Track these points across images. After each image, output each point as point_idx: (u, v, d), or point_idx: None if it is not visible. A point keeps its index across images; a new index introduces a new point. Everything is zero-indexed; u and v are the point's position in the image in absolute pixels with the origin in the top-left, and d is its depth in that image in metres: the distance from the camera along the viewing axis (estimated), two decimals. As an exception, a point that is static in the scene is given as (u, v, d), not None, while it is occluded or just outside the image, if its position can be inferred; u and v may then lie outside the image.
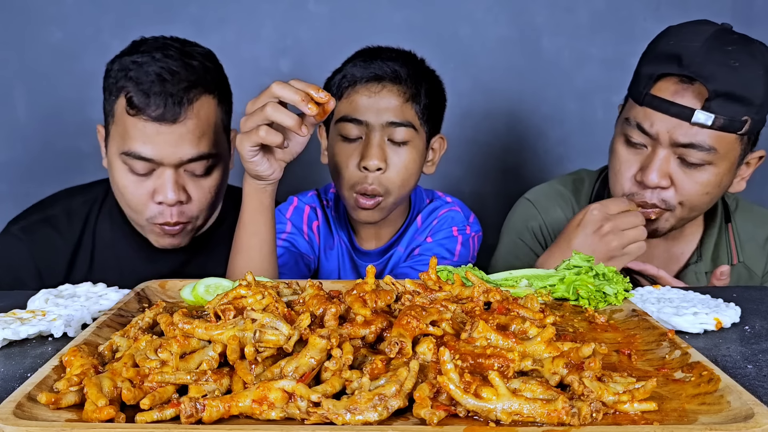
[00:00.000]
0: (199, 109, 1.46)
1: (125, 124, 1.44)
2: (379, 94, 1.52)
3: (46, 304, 1.08)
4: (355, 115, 1.52)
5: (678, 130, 1.39)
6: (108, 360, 0.83)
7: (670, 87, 1.40)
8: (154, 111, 1.41)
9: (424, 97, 1.56)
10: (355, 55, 1.62)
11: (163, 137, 1.42)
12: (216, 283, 1.12)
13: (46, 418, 0.69)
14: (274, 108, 1.17)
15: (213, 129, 1.50)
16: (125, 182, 1.48)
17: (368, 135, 1.52)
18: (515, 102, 2.36)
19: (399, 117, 1.51)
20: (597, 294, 1.09)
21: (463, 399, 0.69)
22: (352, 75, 1.54)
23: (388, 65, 1.53)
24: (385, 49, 1.62)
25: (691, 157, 1.41)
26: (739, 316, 1.09)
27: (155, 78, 1.42)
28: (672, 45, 1.42)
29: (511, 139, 2.40)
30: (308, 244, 1.65)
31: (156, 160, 1.44)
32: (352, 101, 1.53)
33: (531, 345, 0.80)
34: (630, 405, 0.72)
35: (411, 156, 1.54)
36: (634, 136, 1.45)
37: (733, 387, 0.74)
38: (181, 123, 1.43)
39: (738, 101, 1.36)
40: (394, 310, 0.93)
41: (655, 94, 1.42)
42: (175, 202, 1.47)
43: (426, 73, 1.61)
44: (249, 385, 0.74)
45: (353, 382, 0.73)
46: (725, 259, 1.61)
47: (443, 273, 1.14)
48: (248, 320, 0.79)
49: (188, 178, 1.49)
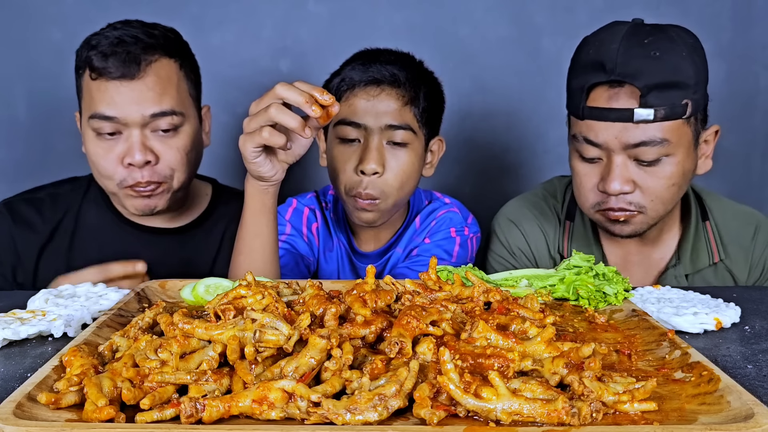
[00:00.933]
0: (158, 69, 1.50)
1: (90, 91, 1.49)
2: (377, 97, 1.51)
3: (46, 304, 1.08)
4: (354, 118, 1.52)
5: (625, 134, 1.39)
6: (108, 360, 0.83)
7: (603, 94, 1.41)
8: (113, 70, 1.46)
9: (423, 100, 1.56)
10: (354, 57, 1.62)
11: (125, 96, 1.46)
12: (216, 283, 1.12)
13: (46, 418, 0.69)
14: (278, 109, 1.17)
15: (175, 89, 1.53)
16: (95, 149, 1.51)
17: (366, 138, 1.52)
18: (515, 102, 2.36)
19: (397, 120, 1.51)
20: (597, 294, 1.09)
21: (463, 399, 0.69)
22: (351, 78, 1.54)
23: (386, 68, 1.53)
24: (383, 52, 1.61)
25: (647, 155, 1.40)
26: (739, 316, 1.09)
27: (114, 40, 1.49)
28: (592, 54, 1.43)
29: (510, 139, 2.40)
30: (308, 246, 1.66)
31: (120, 119, 1.47)
32: (350, 104, 1.53)
33: (531, 345, 0.80)
34: (630, 405, 0.72)
35: (409, 159, 1.54)
36: (585, 151, 1.46)
37: (733, 387, 0.74)
38: (141, 80, 1.47)
39: (672, 87, 1.37)
40: (394, 310, 0.93)
41: (591, 106, 1.42)
42: (143, 162, 1.49)
43: (425, 76, 1.60)
44: (249, 385, 0.74)
45: (353, 382, 0.73)
46: (705, 259, 1.60)
47: (443, 273, 1.14)
48: (248, 320, 0.79)
49: (155, 138, 1.51)
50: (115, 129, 1.48)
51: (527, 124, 2.38)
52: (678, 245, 1.61)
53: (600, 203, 1.47)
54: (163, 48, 1.52)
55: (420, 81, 1.57)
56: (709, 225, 1.62)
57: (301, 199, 1.71)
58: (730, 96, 2.29)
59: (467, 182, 2.40)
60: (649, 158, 1.41)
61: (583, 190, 1.50)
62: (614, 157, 1.42)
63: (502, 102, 2.37)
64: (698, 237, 1.61)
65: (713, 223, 1.62)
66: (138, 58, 1.47)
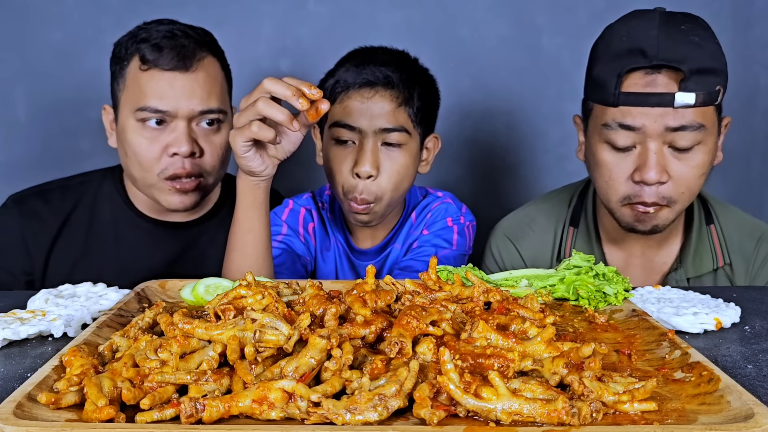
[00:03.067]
0: (207, 66, 1.53)
1: (139, 82, 1.50)
2: (371, 99, 1.52)
3: (46, 304, 1.08)
4: (348, 120, 1.52)
5: (665, 117, 1.39)
6: (108, 360, 0.83)
7: (640, 80, 1.40)
8: (167, 61, 1.48)
9: (417, 99, 1.56)
10: (347, 57, 1.61)
11: (176, 89, 1.48)
12: (216, 283, 1.12)
13: (46, 418, 0.69)
14: (265, 103, 1.17)
15: (220, 87, 1.56)
16: (138, 139, 1.51)
17: (361, 141, 1.52)
18: (515, 102, 2.36)
19: (392, 122, 1.52)
20: (597, 294, 1.09)
21: (463, 399, 0.69)
22: (345, 80, 1.54)
23: (380, 70, 1.53)
24: (377, 51, 1.61)
25: (683, 140, 1.40)
26: (739, 316, 1.09)
27: (165, 34, 1.50)
28: (626, 41, 1.42)
29: (510, 138, 2.40)
30: (304, 246, 1.66)
31: (170, 112, 1.48)
32: (345, 107, 1.53)
33: (531, 345, 0.80)
34: (630, 405, 0.72)
35: (404, 160, 1.55)
36: (619, 139, 1.43)
37: (733, 387, 0.74)
38: (193, 73, 1.49)
39: (710, 73, 1.38)
40: (394, 310, 0.93)
41: (628, 91, 1.40)
42: (189, 153, 1.50)
43: (419, 75, 1.60)
44: (249, 385, 0.74)
45: (353, 382, 0.73)
46: (709, 263, 1.60)
47: (443, 273, 1.14)
48: (248, 320, 0.79)
49: (200, 133, 1.53)
50: (162, 119, 1.49)
51: (527, 124, 2.38)
52: (681, 249, 1.61)
53: (632, 196, 1.45)
54: (209, 46, 1.55)
55: (414, 80, 1.57)
56: (714, 229, 1.62)
57: (297, 199, 1.72)
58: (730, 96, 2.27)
59: (467, 182, 2.40)
60: (685, 144, 1.40)
61: (613, 183, 1.47)
62: (650, 144, 1.41)
63: (502, 102, 2.37)
64: (702, 241, 1.60)
65: (718, 228, 1.62)
66: (192, 52, 1.50)
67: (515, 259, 1.69)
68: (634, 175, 1.44)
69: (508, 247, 1.70)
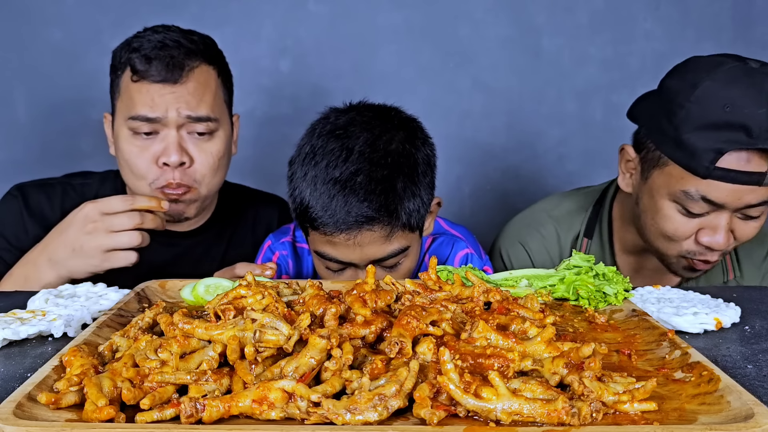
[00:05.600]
0: (199, 75, 1.52)
1: (130, 92, 1.50)
2: (357, 238, 1.31)
3: (46, 304, 1.08)
4: (340, 257, 1.34)
5: (749, 195, 1.37)
6: (108, 360, 0.83)
7: (738, 158, 1.35)
8: (156, 74, 1.47)
9: (405, 216, 1.32)
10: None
11: (165, 98, 1.48)
12: (216, 283, 1.12)
13: (46, 418, 0.69)
14: None
15: (213, 96, 1.54)
16: (131, 148, 1.51)
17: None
18: (515, 102, 2.36)
19: (391, 251, 1.35)
20: (597, 294, 1.09)
21: (463, 399, 0.69)
22: (330, 225, 1.30)
23: (361, 218, 1.29)
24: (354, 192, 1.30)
25: (754, 211, 1.41)
26: (739, 316, 1.09)
27: (157, 44, 1.49)
28: (730, 113, 1.34)
29: (510, 138, 2.40)
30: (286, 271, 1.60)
31: (159, 119, 1.48)
32: (334, 243, 1.33)
33: (531, 345, 0.80)
34: (630, 405, 0.72)
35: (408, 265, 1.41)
36: (695, 207, 1.41)
37: (733, 387, 0.74)
38: (182, 84, 1.49)
39: None
40: (394, 310, 0.93)
41: (723, 167, 1.36)
42: (179, 162, 1.50)
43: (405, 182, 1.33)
44: (249, 385, 0.73)
45: (353, 382, 0.73)
46: (720, 276, 1.60)
47: (443, 273, 1.14)
48: (248, 320, 0.79)
49: (190, 141, 1.52)
50: (153, 129, 1.49)
51: (527, 124, 2.38)
52: None
53: (696, 253, 1.46)
54: (203, 54, 1.54)
55: (397, 203, 1.31)
56: None
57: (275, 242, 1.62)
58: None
59: (467, 182, 2.40)
60: (755, 214, 1.41)
61: (678, 239, 1.46)
62: (724, 214, 1.40)
63: (502, 102, 2.37)
64: None
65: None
66: (181, 63, 1.48)
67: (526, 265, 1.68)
68: (701, 236, 1.43)
69: (519, 252, 1.68)
